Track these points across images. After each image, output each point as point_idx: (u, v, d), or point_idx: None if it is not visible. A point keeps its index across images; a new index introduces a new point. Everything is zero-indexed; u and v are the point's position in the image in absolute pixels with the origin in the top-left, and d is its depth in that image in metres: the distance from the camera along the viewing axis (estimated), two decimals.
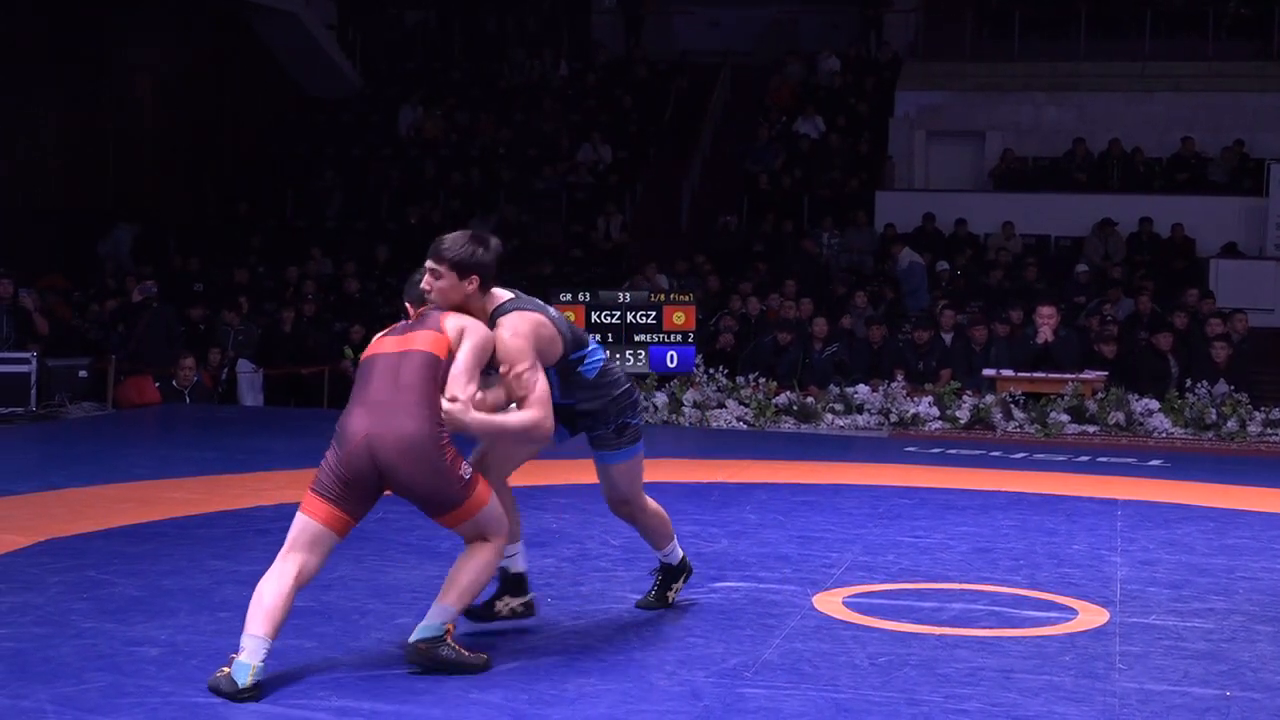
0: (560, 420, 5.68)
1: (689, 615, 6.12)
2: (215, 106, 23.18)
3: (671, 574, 6.27)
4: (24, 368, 13.95)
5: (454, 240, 5.37)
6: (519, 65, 24.99)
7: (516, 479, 5.87)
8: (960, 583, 6.89)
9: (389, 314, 17.44)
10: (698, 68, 24.70)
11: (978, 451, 12.25)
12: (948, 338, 15.49)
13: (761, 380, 14.30)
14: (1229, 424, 13.37)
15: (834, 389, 14.23)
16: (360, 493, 5.14)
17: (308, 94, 24.61)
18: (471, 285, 5.36)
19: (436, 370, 5.19)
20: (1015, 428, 13.56)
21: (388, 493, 5.23)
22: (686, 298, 14.70)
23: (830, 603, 6.42)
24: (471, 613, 5.72)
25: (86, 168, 20.76)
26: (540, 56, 25.06)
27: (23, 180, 19.64)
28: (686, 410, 13.94)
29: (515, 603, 5.85)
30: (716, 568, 7.04)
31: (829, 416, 13.88)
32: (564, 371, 5.64)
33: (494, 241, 5.47)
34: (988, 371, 14.29)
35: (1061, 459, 11.90)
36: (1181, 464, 11.73)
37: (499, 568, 5.64)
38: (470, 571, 5.26)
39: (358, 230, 21.42)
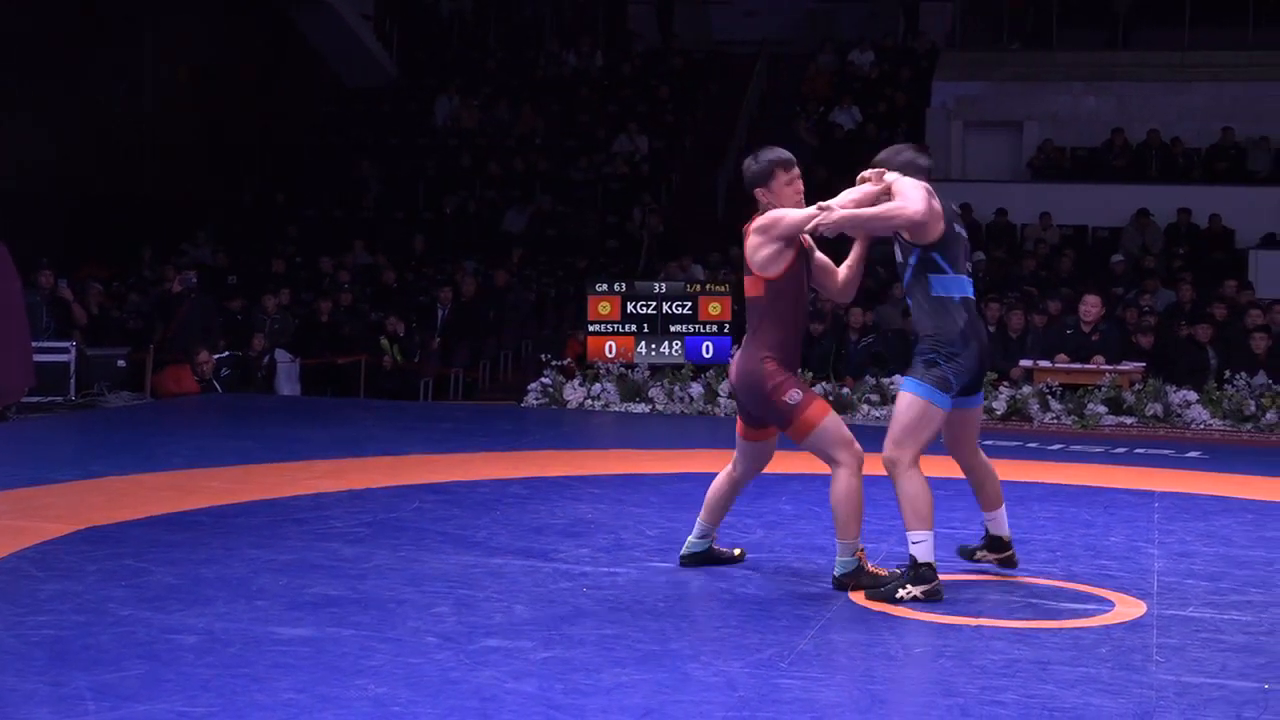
0: None
1: (724, 605, 6.11)
2: (252, 96, 23.27)
3: (912, 572, 6.22)
4: (63, 357, 14.07)
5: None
6: (555, 55, 24.99)
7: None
8: (997, 574, 6.87)
9: (426, 304, 17.51)
10: (734, 58, 24.66)
11: (1014, 442, 12.20)
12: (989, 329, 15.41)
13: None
14: (1268, 416, 13.29)
15: (870, 380, 14.19)
16: (744, 410, 6.52)
17: (344, 84, 24.67)
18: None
19: (758, 307, 6.37)
20: (1052, 419, 13.52)
21: None
22: (722, 288, 14.68)
23: None
24: (963, 550, 6.90)
25: (123, 157, 20.85)
26: (576, 46, 25.04)
27: (59, 170, 19.73)
28: (722, 401, 13.93)
29: (993, 557, 6.79)
30: (752, 558, 7.04)
31: (865, 407, 13.86)
32: (919, 270, 6.29)
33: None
34: (1024, 362, 14.22)
35: (1099, 450, 11.86)
36: (1220, 456, 11.67)
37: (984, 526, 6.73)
38: (837, 506, 6.28)
39: (395, 220, 21.47)
